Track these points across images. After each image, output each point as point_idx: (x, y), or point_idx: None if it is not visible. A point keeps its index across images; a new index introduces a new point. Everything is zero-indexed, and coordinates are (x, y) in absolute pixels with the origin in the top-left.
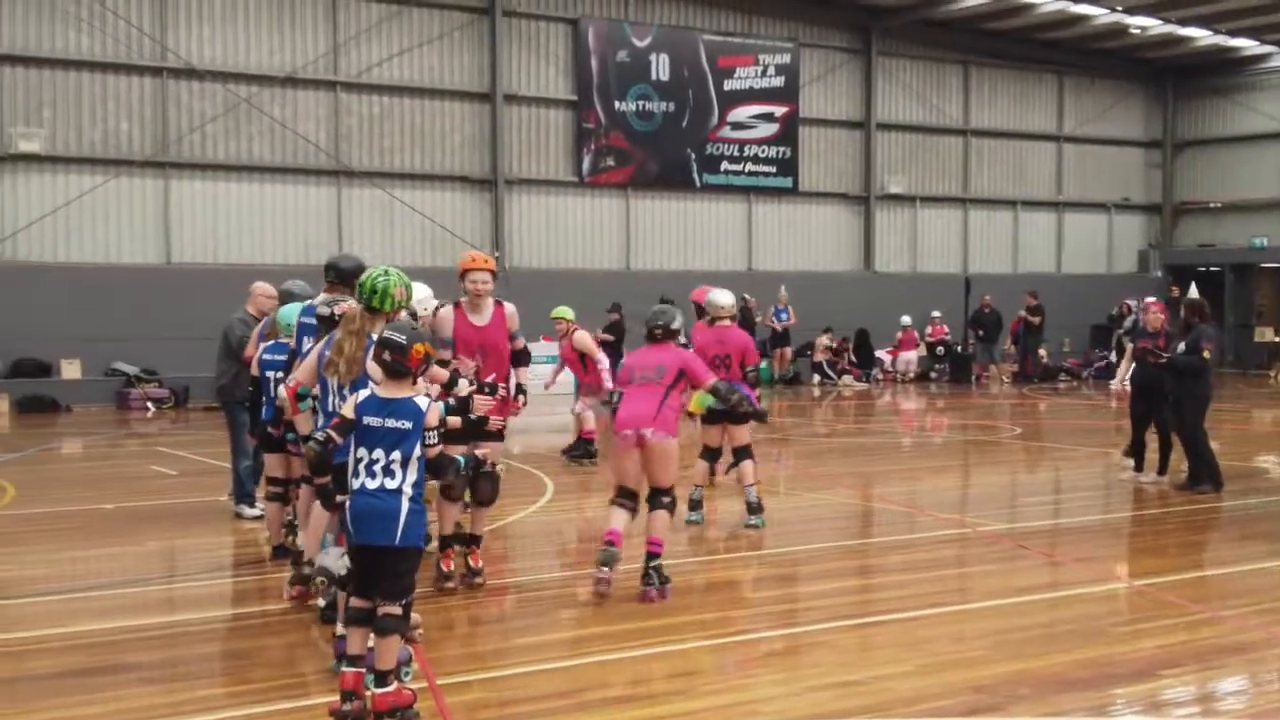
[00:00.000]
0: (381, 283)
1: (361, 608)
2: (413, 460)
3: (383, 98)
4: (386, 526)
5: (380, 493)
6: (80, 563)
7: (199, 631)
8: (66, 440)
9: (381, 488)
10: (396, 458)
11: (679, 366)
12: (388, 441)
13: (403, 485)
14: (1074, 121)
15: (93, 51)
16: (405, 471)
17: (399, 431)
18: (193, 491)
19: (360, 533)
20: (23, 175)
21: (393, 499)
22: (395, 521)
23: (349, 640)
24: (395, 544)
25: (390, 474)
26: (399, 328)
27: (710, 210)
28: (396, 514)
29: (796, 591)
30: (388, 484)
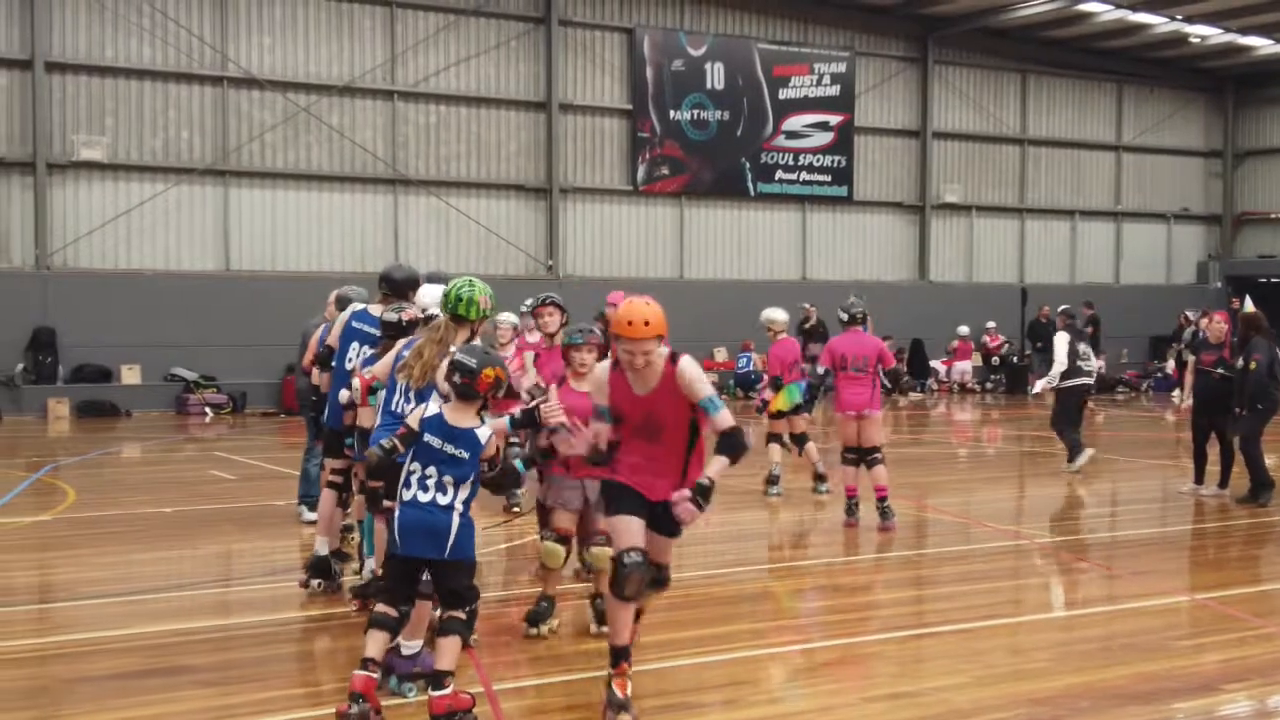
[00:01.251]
0: (466, 292)
1: (386, 614)
2: (466, 482)
3: (439, 107)
4: (436, 540)
5: (431, 507)
6: (139, 565)
7: (253, 635)
8: (126, 445)
9: (433, 502)
10: (450, 479)
11: (878, 354)
12: (444, 465)
13: (454, 502)
14: (1133, 131)
15: (154, 61)
16: (458, 490)
17: (456, 459)
18: (250, 496)
19: (407, 544)
20: (85, 183)
21: (444, 514)
22: (445, 536)
23: (368, 643)
24: (445, 557)
25: (442, 490)
26: (472, 350)
27: (764, 219)
28: (446, 529)
29: (850, 602)
30: (439, 499)
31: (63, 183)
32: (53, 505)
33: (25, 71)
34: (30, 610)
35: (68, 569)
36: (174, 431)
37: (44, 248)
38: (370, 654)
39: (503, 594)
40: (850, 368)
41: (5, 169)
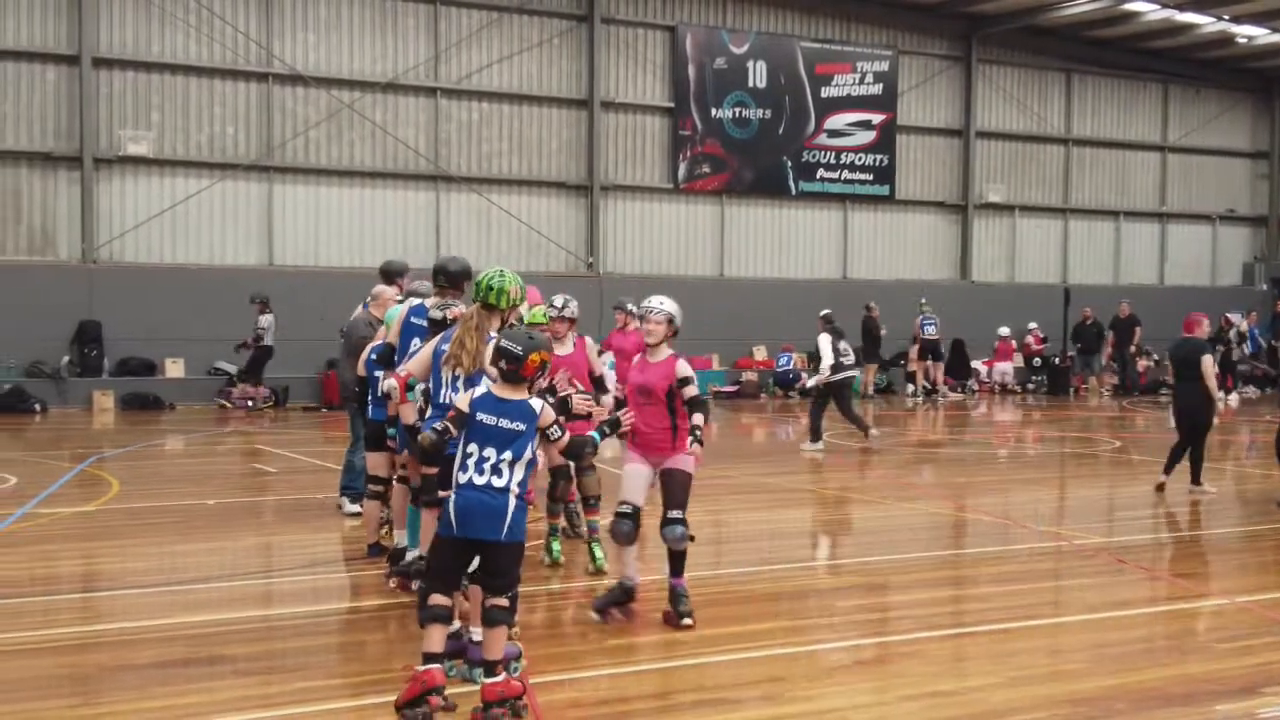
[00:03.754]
0: (497, 281)
1: (443, 605)
2: (522, 460)
3: (482, 104)
4: (493, 522)
5: (488, 489)
6: (181, 556)
7: (294, 626)
8: (169, 437)
9: (489, 485)
10: (507, 457)
11: None
12: (500, 441)
13: (510, 483)
14: (1178, 131)
15: (200, 57)
16: (513, 471)
17: (512, 432)
18: (290, 488)
19: (464, 526)
20: (130, 178)
21: (500, 496)
22: (502, 518)
23: (430, 638)
24: (501, 539)
25: (498, 472)
26: (517, 336)
27: (805, 218)
28: (504, 511)
29: (887, 601)
30: (495, 481)
31: (109, 177)
32: (97, 496)
33: (73, 67)
34: (74, 599)
35: (111, 559)
36: (216, 425)
37: (90, 242)
38: (434, 648)
39: (534, 589)
40: None
41: (52, 163)
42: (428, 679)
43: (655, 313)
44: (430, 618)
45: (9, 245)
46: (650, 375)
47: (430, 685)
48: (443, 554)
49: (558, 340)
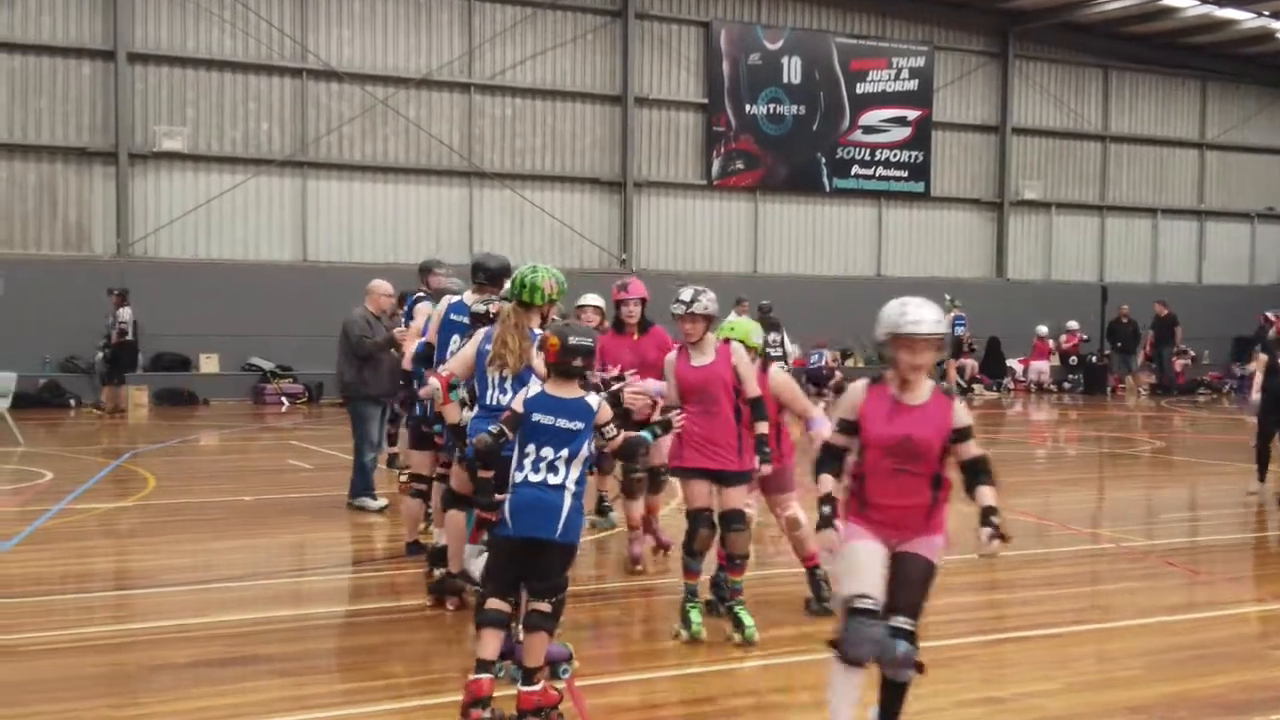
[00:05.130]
0: (531, 278)
1: (499, 610)
2: (579, 458)
3: (515, 100)
4: (549, 520)
5: (544, 487)
6: (217, 554)
7: (331, 625)
8: (204, 433)
9: (544, 482)
10: (564, 455)
11: None
12: (557, 440)
13: (566, 481)
14: (1217, 128)
15: (235, 52)
16: (569, 468)
17: (570, 432)
18: (326, 486)
19: (520, 525)
20: (165, 173)
21: (556, 494)
22: (558, 516)
23: (483, 644)
24: (556, 538)
25: (554, 470)
26: (580, 330)
27: (840, 214)
28: (559, 509)
29: (933, 604)
30: (550, 479)
31: (144, 173)
32: (132, 492)
33: (108, 62)
34: (110, 597)
35: (147, 556)
36: (250, 421)
37: (125, 237)
38: (487, 655)
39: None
40: None
41: (87, 159)
42: (475, 689)
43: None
44: (484, 622)
45: (44, 240)
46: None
47: (476, 696)
48: (499, 555)
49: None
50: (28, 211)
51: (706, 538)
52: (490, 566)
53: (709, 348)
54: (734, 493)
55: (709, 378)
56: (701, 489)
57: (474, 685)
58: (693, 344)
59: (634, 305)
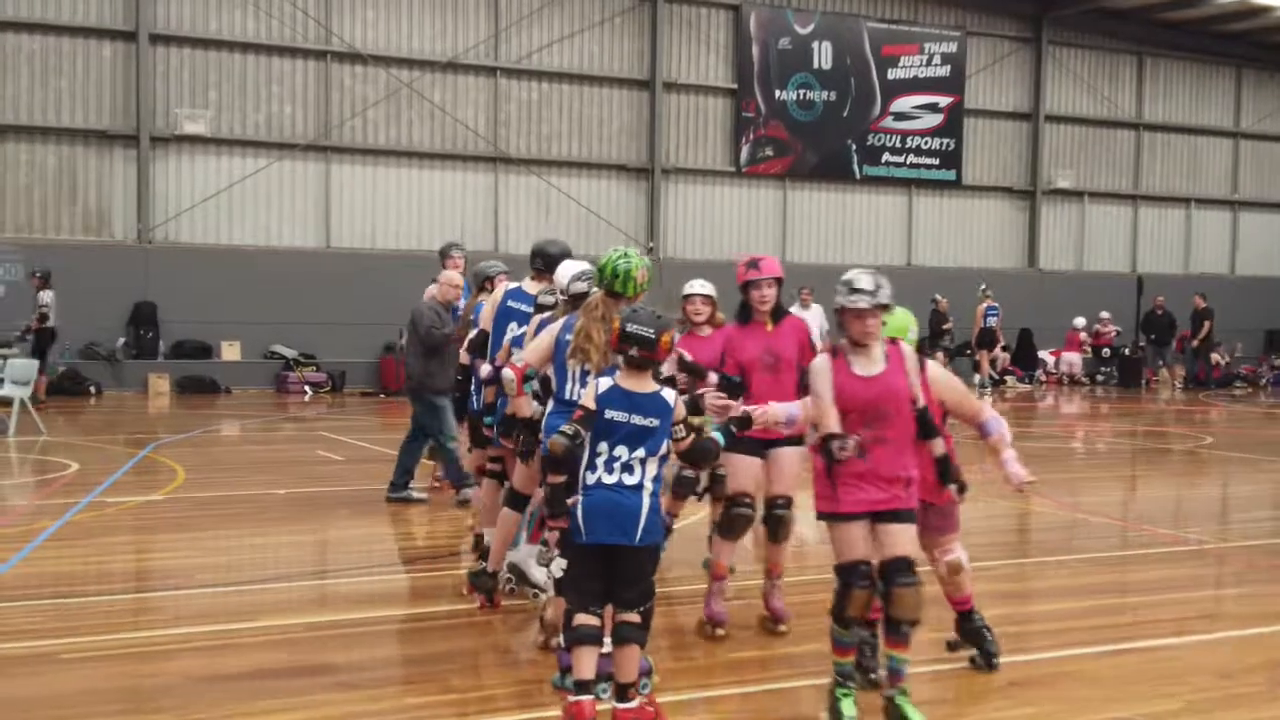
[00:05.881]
0: (623, 265)
1: (589, 625)
2: (655, 457)
3: (542, 84)
4: (625, 525)
5: (619, 488)
6: (260, 551)
7: (394, 630)
8: (228, 422)
9: (620, 483)
10: (640, 454)
11: None
12: (632, 438)
13: (643, 480)
14: (1252, 117)
15: (259, 34)
16: (645, 468)
17: (645, 429)
18: (360, 479)
19: (594, 530)
20: (187, 157)
21: (633, 495)
22: (635, 519)
23: (579, 663)
24: (634, 542)
25: (630, 470)
26: (641, 318)
27: (870, 202)
28: (637, 511)
29: (1026, 611)
30: (626, 479)
31: (165, 156)
32: (161, 484)
33: (129, 43)
34: (150, 599)
35: (185, 553)
36: (274, 410)
37: (146, 222)
38: (585, 675)
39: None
40: None
41: (108, 141)
42: (577, 713)
43: None
44: (576, 640)
45: (64, 225)
46: None
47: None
48: (578, 564)
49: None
50: (47, 195)
51: (864, 599)
52: (570, 578)
53: (879, 351)
54: (903, 535)
55: (884, 392)
56: (859, 534)
57: (575, 708)
58: (861, 347)
59: (768, 288)
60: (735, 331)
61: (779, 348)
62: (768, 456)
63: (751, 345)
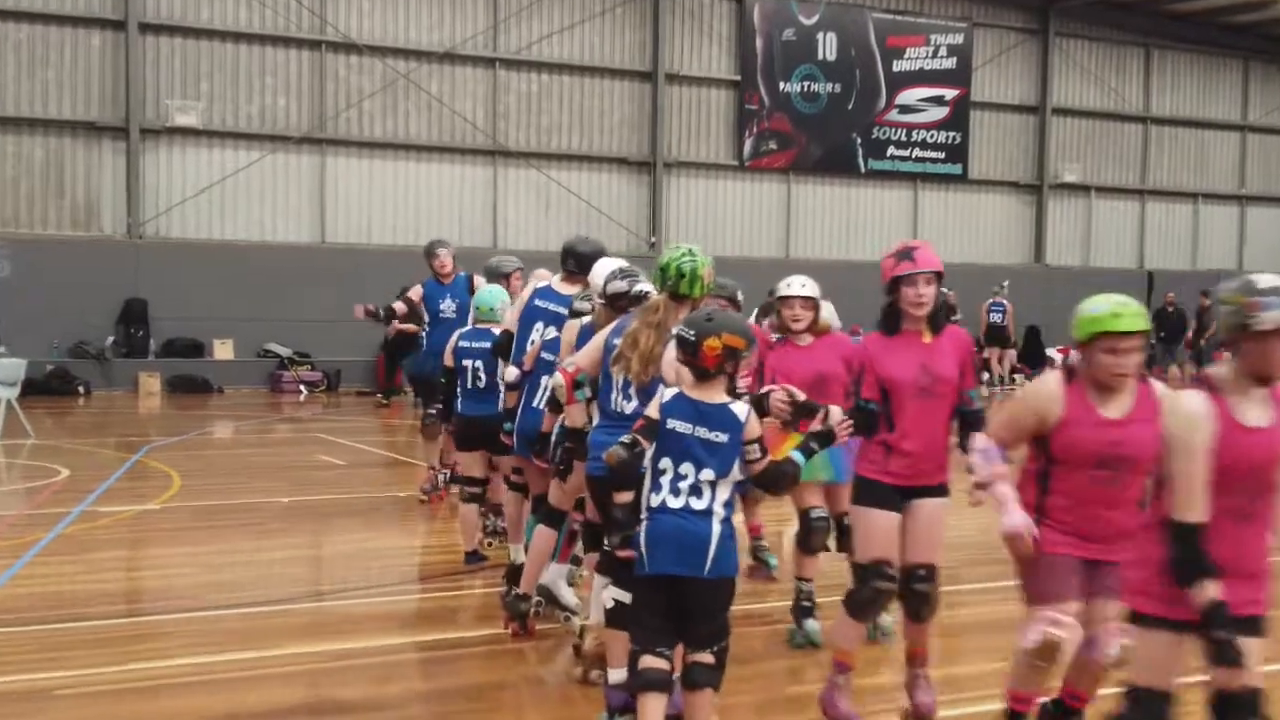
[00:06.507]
0: (688, 264)
1: (657, 669)
2: (727, 479)
3: (541, 75)
4: (693, 554)
5: (686, 513)
6: (267, 566)
7: (421, 659)
8: (222, 423)
9: (687, 507)
10: (708, 475)
11: None
12: (697, 454)
13: (712, 505)
14: (1259, 110)
15: (251, 23)
16: (715, 491)
17: (711, 444)
18: (365, 485)
19: (659, 561)
20: (178, 149)
21: (701, 521)
22: (704, 548)
23: (645, 712)
24: (704, 574)
25: (697, 492)
26: (691, 320)
27: (874, 197)
28: (706, 539)
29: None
30: (694, 504)
31: (155, 149)
32: (157, 492)
33: (118, 32)
34: (150, 623)
35: (189, 570)
36: (268, 410)
37: (135, 216)
38: None
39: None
40: None
41: (97, 134)
42: None
43: None
44: (642, 685)
45: (51, 219)
46: None
47: None
48: (643, 599)
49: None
50: (34, 189)
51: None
52: (633, 614)
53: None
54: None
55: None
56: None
57: None
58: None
59: (926, 286)
60: (878, 343)
61: (939, 366)
62: (907, 509)
63: (901, 362)
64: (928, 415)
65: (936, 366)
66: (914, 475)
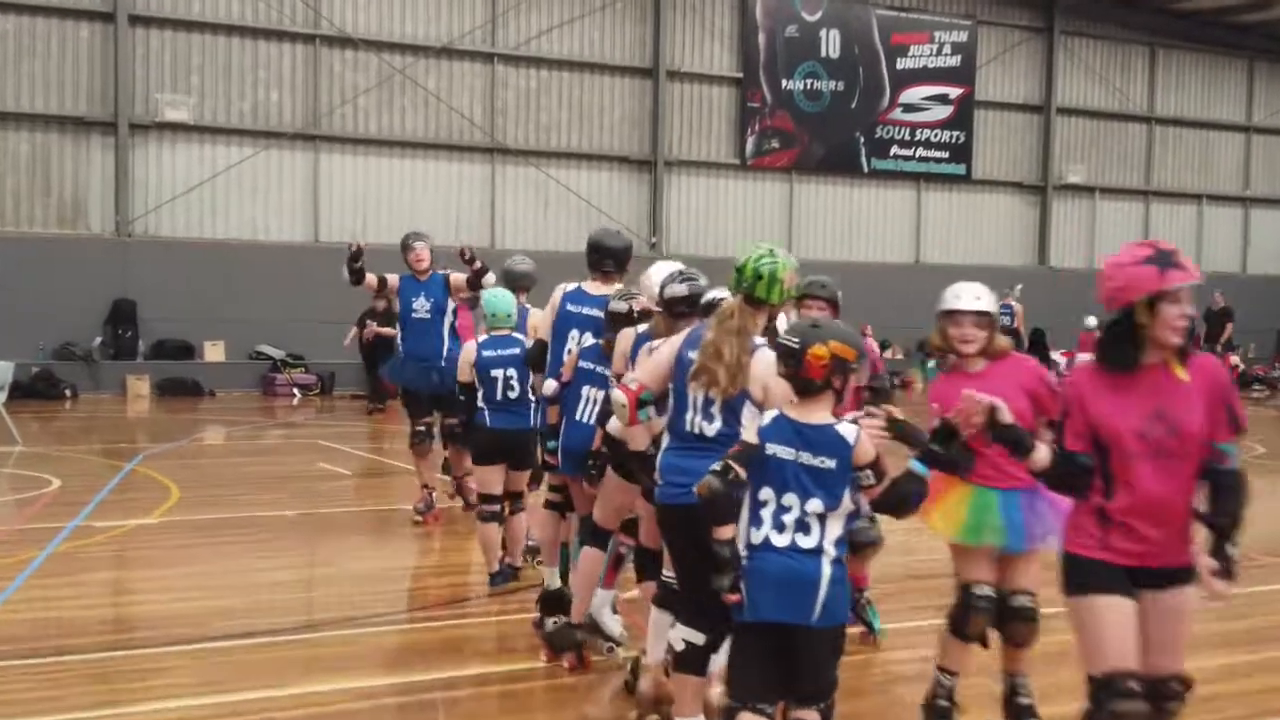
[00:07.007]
0: (768, 266)
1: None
2: (838, 512)
3: (540, 71)
4: (800, 599)
5: (793, 552)
6: (281, 590)
7: (464, 696)
8: (215, 429)
9: (794, 545)
10: (815, 507)
11: None
12: (803, 484)
13: (822, 542)
14: (1264, 111)
15: (244, 16)
16: (825, 526)
17: (818, 471)
18: (373, 496)
19: (761, 606)
20: (169, 145)
21: (809, 561)
22: (813, 592)
23: None
24: (810, 622)
25: (804, 527)
26: (796, 326)
27: (877, 197)
28: (814, 581)
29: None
30: (801, 541)
31: (145, 145)
32: (153, 505)
33: (107, 24)
34: (168, 655)
35: (195, 594)
36: (262, 415)
37: (124, 214)
38: None
39: None
40: None
41: (85, 129)
42: None
43: None
44: None
45: (38, 217)
46: None
47: None
48: (745, 648)
49: None
50: (20, 186)
51: None
52: (733, 664)
53: None
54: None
55: None
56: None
57: None
58: None
59: (1189, 304)
60: (1093, 380)
61: (1179, 412)
62: (1145, 601)
63: (1130, 406)
64: (1167, 479)
65: (1177, 413)
66: (1145, 555)
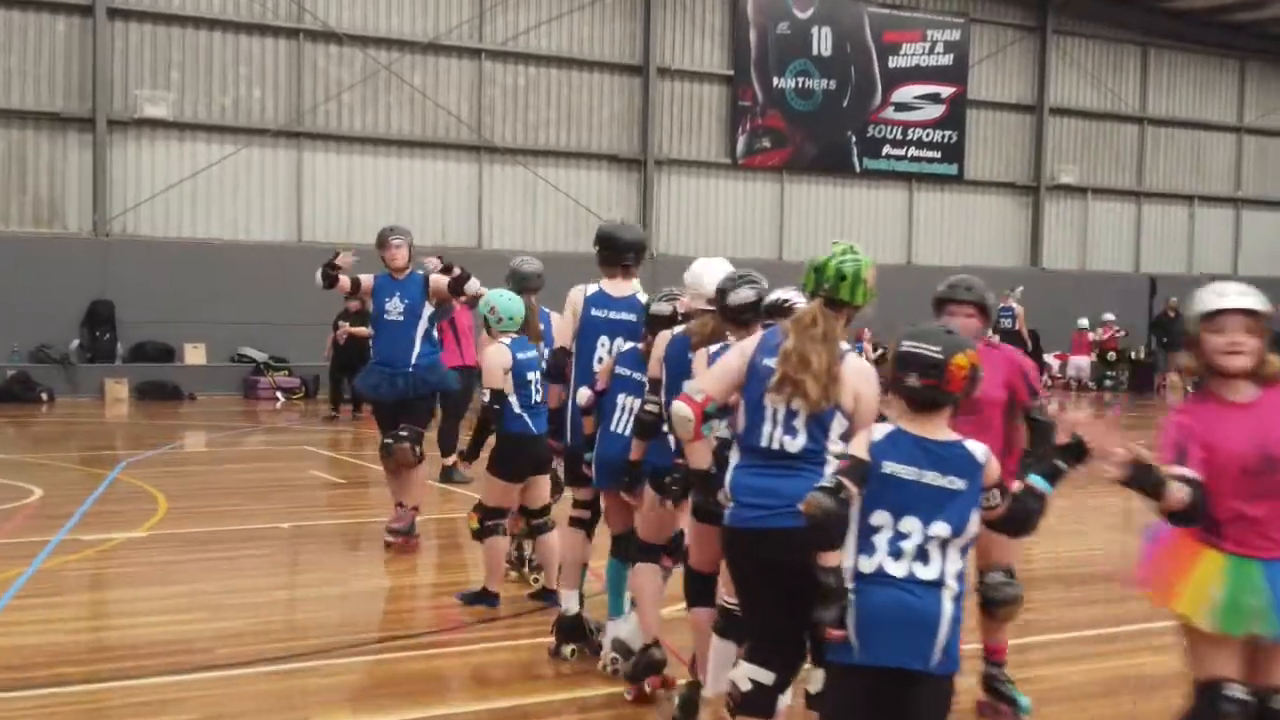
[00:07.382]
0: (850, 266)
1: None
2: (962, 538)
3: (529, 68)
4: (919, 640)
5: (910, 583)
6: (287, 609)
7: None
8: (197, 434)
9: (911, 576)
10: (940, 532)
11: None
12: (925, 506)
13: (943, 575)
14: (1256, 112)
15: (225, 10)
16: (946, 554)
17: (944, 493)
18: (369, 506)
19: (874, 648)
20: (148, 143)
21: (929, 595)
22: (932, 632)
23: None
24: (929, 668)
25: (923, 556)
26: (927, 334)
27: (869, 197)
28: (935, 620)
29: None
30: (919, 571)
31: (124, 142)
32: (142, 517)
33: (85, 18)
34: (172, 686)
35: (194, 616)
36: (245, 419)
37: (103, 213)
38: None
39: None
40: None
41: (61, 125)
42: None
43: None
44: None
45: (13, 215)
46: None
47: None
48: (845, 694)
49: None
50: None
51: None
52: (829, 714)
53: None
54: None
55: None
56: None
57: None
58: None
59: None
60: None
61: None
62: None
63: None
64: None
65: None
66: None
